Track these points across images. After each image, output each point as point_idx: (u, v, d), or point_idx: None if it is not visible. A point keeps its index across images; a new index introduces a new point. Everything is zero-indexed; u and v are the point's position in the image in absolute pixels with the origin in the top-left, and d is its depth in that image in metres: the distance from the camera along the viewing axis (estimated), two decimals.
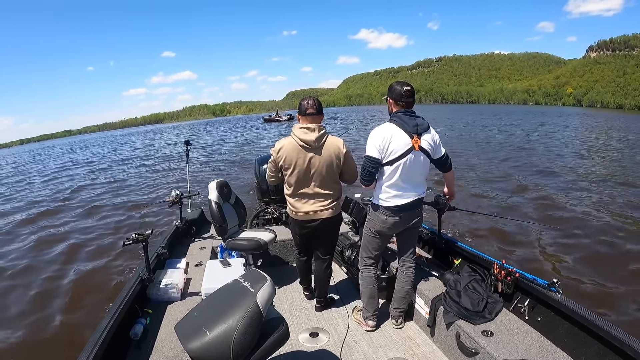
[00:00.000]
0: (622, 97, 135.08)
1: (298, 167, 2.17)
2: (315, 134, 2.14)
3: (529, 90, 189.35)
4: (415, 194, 2.11)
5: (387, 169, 2.03)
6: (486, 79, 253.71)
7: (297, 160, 2.16)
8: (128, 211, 7.72)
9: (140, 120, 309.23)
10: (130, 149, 25.12)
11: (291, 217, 2.38)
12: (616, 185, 8.53)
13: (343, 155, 2.22)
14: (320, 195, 2.25)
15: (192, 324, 1.36)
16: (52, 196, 10.04)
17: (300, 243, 2.52)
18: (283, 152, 2.19)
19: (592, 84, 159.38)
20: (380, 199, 2.12)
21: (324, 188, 2.24)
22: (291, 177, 2.22)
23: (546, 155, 13.23)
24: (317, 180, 2.21)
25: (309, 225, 2.33)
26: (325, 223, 2.31)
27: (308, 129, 2.14)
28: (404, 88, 2.05)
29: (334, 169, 2.22)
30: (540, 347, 1.75)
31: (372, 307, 2.35)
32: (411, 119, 2.02)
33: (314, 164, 2.17)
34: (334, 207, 2.32)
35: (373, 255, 2.32)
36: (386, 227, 2.16)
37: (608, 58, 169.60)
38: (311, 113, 2.18)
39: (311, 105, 2.18)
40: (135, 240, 2.08)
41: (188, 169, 4.12)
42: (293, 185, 2.25)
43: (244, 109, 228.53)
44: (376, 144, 2.00)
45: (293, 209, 2.32)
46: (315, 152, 2.16)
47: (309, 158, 2.16)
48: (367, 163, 2.03)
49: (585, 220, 6.12)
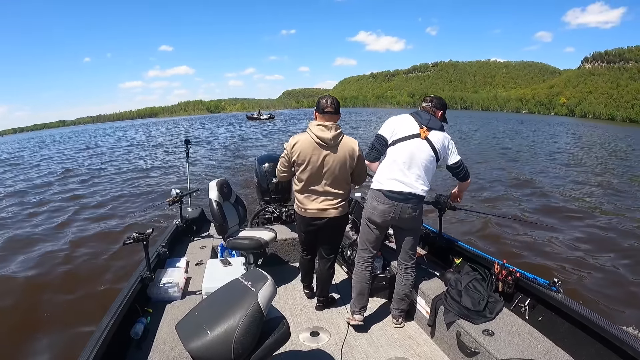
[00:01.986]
0: (614, 109, 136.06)
1: (312, 163, 2.18)
2: (332, 132, 2.15)
3: (523, 99, 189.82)
4: (412, 186, 2.07)
5: (390, 150, 2.14)
6: (481, 86, 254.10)
7: (311, 157, 2.17)
8: (128, 210, 7.72)
9: (135, 113, 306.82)
10: (127, 145, 25.24)
11: (298, 213, 2.38)
12: (617, 185, 8.53)
13: (357, 155, 2.24)
14: (329, 194, 2.26)
15: (193, 323, 1.36)
16: (51, 196, 10.03)
17: (305, 241, 2.51)
18: (298, 147, 2.18)
19: (586, 94, 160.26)
20: (376, 181, 2.16)
21: (334, 187, 2.25)
22: (303, 173, 2.22)
23: (545, 155, 13.25)
24: (329, 179, 2.22)
25: (316, 223, 2.32)
26: (331, 222, 2.32)
27: (325, 127, 2.15)
28: (433, 97, 2.26)
29: (347, 169, 2.24)
30: (540, 346, 1.75)
31: (359, 302, 2.33)
32: (427, 115, 2.16)
33: (328, 162, 2.18)
34: (342, 206, 2.32)
35: (368, 248, 2.29)
36: (376, 215, 2.13)
37: (602, 70, 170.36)
38: (329, 112, 2.18)
39: (330, 104, 2.18)
40: (135, 239, 2.08)
41: (188, 168, 4.12)
42: (304, 182, 2.25)
43: (239, 106, 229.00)
44: (389, 126, 2.17)
45: (301, 205, 2.32)
46: (330, 150, 2.17)
47: (323, 155, 2.17)
48: (375, 140, 2.19)
49: (585, 220, 6.13)
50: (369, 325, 2.39)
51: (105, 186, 10.78)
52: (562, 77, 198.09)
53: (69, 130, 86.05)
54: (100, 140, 32.00)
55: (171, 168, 13.27)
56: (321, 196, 2.26)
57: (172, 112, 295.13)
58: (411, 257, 2.29)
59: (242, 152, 16.17)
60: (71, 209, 8.20)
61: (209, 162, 13.74)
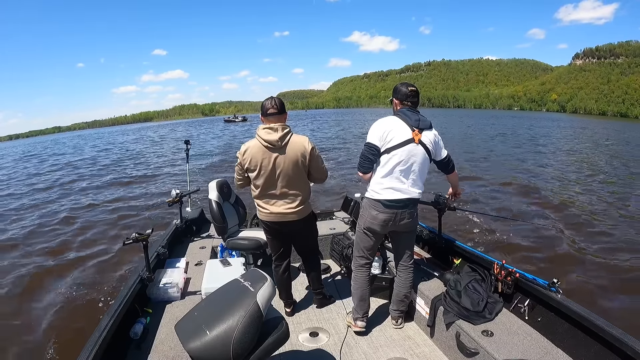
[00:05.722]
0: (605, 104, 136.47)
1: (264, 168, 2.14)
2: (279, 134, 2.10)
3: (515, 96, 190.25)
4: (409, 192, 2.06)
5: (384, 158, 2.04)
6: (474, 84, 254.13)
7: (262, 161, 2.13)
8: (128, 210, 7.72)
9: (130, 118, 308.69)
10: (124, 148, 25.39)
11: (261, 219, 2.34)
12: (618, 186, 8.53)
13: (309, 153, 2.18)
14: (287, 196, 2.22)
15: (192, 324, 1.36)
16: (50, 195, 10.03)
17: (274, 246, 2.46)
18: (248, 154, 2.15)
19: (577, 90, 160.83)
20: (372, 191, 2.10)
21: (290, 188, 2.21)
22: (258, 179, 2.19)
23: (545, 155, 13.26)
24: (284, 180, 2.18)
25: (279, 228, 2.31)
26: (298, 225, 2.31)
27: (271, 129, 2.11)
28: (408, 88, 2.09)
29: (300, 168, 2.18)
30: (540, 347, 1.75)
31: (362, 309, 2.32)
32: (414, 114, 2.06)
33: (279, 164, 2.14)
34: (303, 209, 2.28)
35: (365, 255, 2.28)
36: (376, 224, 2.12)
37: (593, 66, 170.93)
38: (272, 113, 2.14)
39: (272, 105, 2.15)
40: (135, 239, 2.08)
41: (188, 168, 4.12)
42: (260, 187, 2.21)
43: (233, 109, 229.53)
44: (377, 133, 2.03)
45: (261, 209, 2.28)
46: (279, 151, 2.12)
47: (274, 158, 2.13)
48: (366, 150, 2.06)
49: (585, 220, 6.13)
50: (368, 326, 2.39)
51: (106, 186, 10.78)
52: (554, 74, 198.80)
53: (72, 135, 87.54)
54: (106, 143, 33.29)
55: (171, 168, 13.28)
56: (280, 199, 2.23)
57: (167, 116, 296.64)
58: (410, 257, 2.29)
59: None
60: (71, 209, 8.21)
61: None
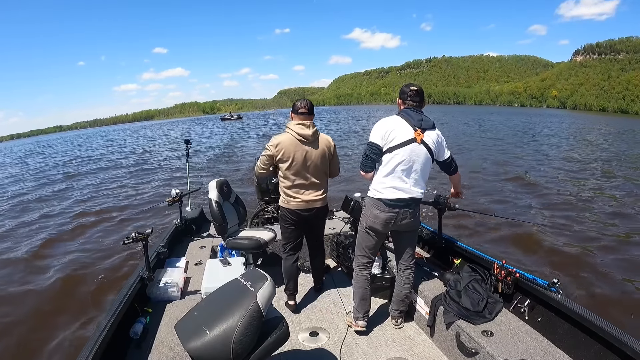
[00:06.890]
0: (605, 100, 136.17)
1: (296, 159, 2.33)
2: (311, 129, 2.35)
3: (515, 92, 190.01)
4: (411, 191, 2.06)
5: (386, 157, 2.06)
6: (474, 81, 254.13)
7: (295, 154, 2.32)
8: (128, 210, 7.72)
9: (131, 117, 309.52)
10: (126, 146, 25.42)
11: (287, 207, 2.45)
12: (618, 186, 8.53)
13: (333, 148, 2.47)
14: (315, 186, 2.43)
15: (192, 323, 1.36)
16: (49, 195, 10.03)
17: (292, 235, 2.57)
18: (281, 146, 2.32)
19: (577, 87, 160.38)
20: (374, 190, 2.11)
21: (317, 178, 2.43)
22: (290, 169, 2.36)
23: (545, 153, 13.26)
24: (313, 172, 2.39)
25: (304, 214, 2.46)
26: (318, 212, 2.51)
27: (304, 125, 2.34)
28: (410, 88, 2.12)
29: (326, 160, 2.44)
30: (540, 347, 1.75)
31: (363, 308, 2.32)
32: (417, 114, 2.07)
33: (311, 156, 2.36)
34: (325, 197, 2.53)
35: (367, 254, 2.29)
36: (378, 223, 2.13)
37: (594, 62, 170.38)
38: (303, 112, 2.36)
39: (303, 106, 2.38)
40: (135, 239, 2.08)
41: (188, 167, 4.12)
42: (292, 177, 2.38)
43: (233, 107, 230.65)
44: (380, 132, 2.06)
45: (291, 198, 2.42)
46: (312, 145, 2.36)
47: (306, 151, 2.34)
48: (368, 149, 2.09)
49: (586, 220, 6.13)
50: (368, 326, 2.39)
51: (106, 186, 10.78)
52: (554, 70, 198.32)
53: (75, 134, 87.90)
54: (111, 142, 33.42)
55: (170, 168, 13.28)
56: (309, 189, 2.42)
57: (168, 114, 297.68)
58: (411, 257, 2.29)
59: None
60: (70, 208, 8.21)
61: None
